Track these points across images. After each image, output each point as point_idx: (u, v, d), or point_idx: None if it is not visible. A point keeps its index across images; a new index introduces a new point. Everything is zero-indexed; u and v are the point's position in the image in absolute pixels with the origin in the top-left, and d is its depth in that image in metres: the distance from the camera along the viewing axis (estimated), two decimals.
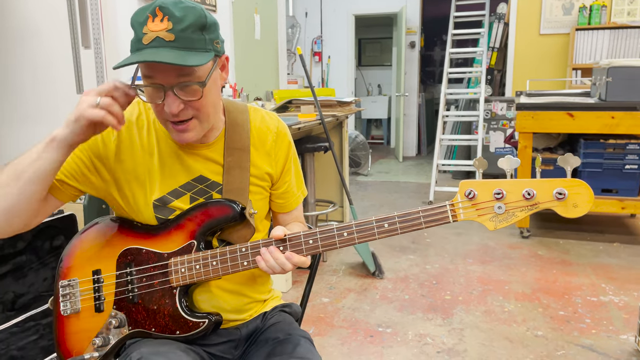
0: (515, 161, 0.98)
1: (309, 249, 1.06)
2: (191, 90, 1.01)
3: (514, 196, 0.97)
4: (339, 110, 3.49)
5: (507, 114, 5.61)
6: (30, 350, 1.79)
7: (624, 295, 2.80)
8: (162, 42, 0.96)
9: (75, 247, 1.18)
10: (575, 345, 2.31)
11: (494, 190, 0.97)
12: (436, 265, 3.33)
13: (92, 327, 1.14)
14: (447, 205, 0.99)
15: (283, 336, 1.17)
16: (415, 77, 7.76)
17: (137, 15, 0.99)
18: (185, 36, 0.97)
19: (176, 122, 1.03)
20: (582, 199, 0.94)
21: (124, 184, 1.13)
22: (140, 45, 0.97)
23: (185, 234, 1.11)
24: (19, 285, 1.93)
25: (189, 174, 1.13)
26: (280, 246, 1.06)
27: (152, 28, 0.96)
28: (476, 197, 0.98)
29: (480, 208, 0.98)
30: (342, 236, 1.04)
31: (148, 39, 0.96)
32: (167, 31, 0.96)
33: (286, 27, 5.45)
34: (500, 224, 0.98)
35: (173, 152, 1.12)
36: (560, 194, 0.94)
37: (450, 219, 0.99)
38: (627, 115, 3.38)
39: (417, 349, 2.31)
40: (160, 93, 1.00)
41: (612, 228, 4.02)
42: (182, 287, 1.10)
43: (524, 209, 0.97)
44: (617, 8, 5.34)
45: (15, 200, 1.00)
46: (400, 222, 1.01)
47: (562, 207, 0.95)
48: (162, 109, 1.02)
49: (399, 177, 6.31)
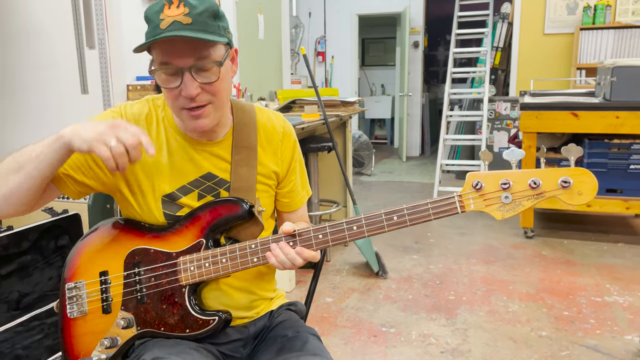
0: (520, 152, 1.00)
1: (319, 243, 1.06)
2: (208, 71, 1.02)
3: (520, 186, 0.98)
4: (342, 110, 3.49)
5: (511, 114, 5.60)
6: (35, 350, 1.80)
7: (629, 296, 2.79)
8: (179, 25, 0.97)
9: (80, 249, 1.19)
10: (580, 346, 2.31)
11: (501, 180, 0.99)
12: (440, 265, 3.32)
13: (100, 329, 1.14)
14: (455, 197, 1.01)
15: (292, 334, 1.17)
16: (419, 77, 7.76)
17: (151, 7, 1.01)
18: (201, 20, 0.99)
19: (192, 107, 1.04)
20: (587, 186, 0.96)
21: (132, 180, 1.13)
22: (157, 31, 0.98)
23: (194, 233, 1.11)
24: (24, 284, 1.94)
25: (197, 171, 1.14)
26: (290, 241, 1.06)
27: (168, 14, 0.98)
28: (483, 188, 0.99)
29: (487, 198, 1.00)
30: (351, 230, 1.04)
31: (165, 23, 0.98)
32: (184, 15, 0.98)
33: (290, 27, 5.46)
34: (507, 213, 0.99)
35: (182, 149, 1.13)
36: (565, 182, 0.96)
37: (459, 210, 1.00)
38: (632, 115, 3.37)
39: (421, 349, 2.31)
40: (177, 77, 1.01)
41: (616, 228, 4.00)
42: (191, 285, 1.10)
43: (530, 198, 0.98)
44: (622, 7, 5.32)
45: (13, 191, 1.01)
46: (409, 214, 1.02)
47: (567, 195, 0.97)
48: (178, 95, 1.03)
49: (402, 177, 6.31)
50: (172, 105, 1.07)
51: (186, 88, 1.01)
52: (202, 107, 1.04)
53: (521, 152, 0.99)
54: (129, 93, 2.82)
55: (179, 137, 1.13)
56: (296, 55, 6.65)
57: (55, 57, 2.88)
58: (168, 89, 1.03)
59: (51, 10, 2.83)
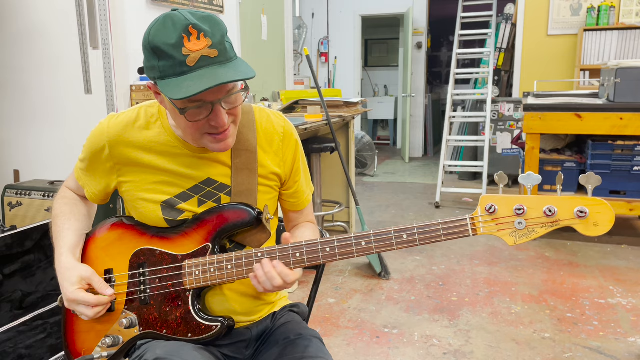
0: (536, 178, 0.97)
1: (326, 256, 1.05)
2: (235, 98, 1.02)
3: (535, 212, 0.97)
4: (345, 110, 3.48)
5: (514, 115, 5.59)
6: (38, 349, 1.80)
7: (632, 298, 2.78)
8: (209, 61, 0.95)
9: (86, 245, 1.19)
10: (583, 348, 2.30)
11: (515, 205, 0.97)
12: (442, 266, 3.32)
13: (103, 327, 1.14)
14: (468, 219, 0.99)
15: (294, 336, 1.17)
16: (422, 78, 7.75)
17: (161, 36, 0.95)
18: (222, 48, 0.97)
19: (218, 132, 1.03)
20: (603, 218, 0.94)
21: (131, 187, 1.14)
22: (185, 68, 0.94)
23: (201, 237, 1.10)
24: (27, 284, 1.94)
25: (196, 177, 1.13)
26: (297, 252, 1.05)
27: (192, 48, 0.94)
28: (497, 212, 0.98)
29: (500, 223, 0.98)
30: (360, 245, 1.03)
31: (193, 60, 0.94)
32: (209, 48, 0.95)
33: (293, 28, 5.46)
34: (520, 239, 0.98)
35: (180, 156, 1.13)
36: (581, 212, 0.94)
37: (470, 233, 0.99)
38: (636, 116, 3.36)
39: (424, 351, 2.31)
40: (206, 110, 1.00)
41: (620, 230, 3.99)
42: (196, 289, 1.10)
43: (545, 226, 0.97)
44: (626, 9, 5.31)
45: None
46: (420, 233, 1.01)
47: (583, 225, 0.95)
48: (203, 124, 1.02)
49: (405, 178, 6.30)
50: (194, 133, 1.04)
51: (218, 120, 1.00)
52: (227, 129, 1.04)
53: (538, 178, 0.97)
54: (133, 93, 2.82)
55: (177, 144, 1.13)
56: (299, 56, 6.65)
57: (58, 57, 2.89)
58: (195, 122, 1.01)
59: (55, 11, 2.84)
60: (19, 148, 3.08)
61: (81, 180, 1.21)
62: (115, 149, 1.13)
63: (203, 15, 0.97)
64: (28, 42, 2.95)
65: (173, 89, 0.94)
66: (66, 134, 2.93)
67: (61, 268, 1.12)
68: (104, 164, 1.16)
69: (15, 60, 2.99)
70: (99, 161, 1.16)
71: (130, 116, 1.15)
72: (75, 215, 1.21)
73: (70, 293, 1.08)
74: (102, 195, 1.21)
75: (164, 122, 1.13)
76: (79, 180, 1.22)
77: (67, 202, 1.23)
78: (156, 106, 1.15)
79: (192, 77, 0.94)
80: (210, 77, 0.93)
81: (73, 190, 1.27)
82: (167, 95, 0.96)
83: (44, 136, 3.01)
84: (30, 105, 3.01)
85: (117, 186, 1.18)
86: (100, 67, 2.70)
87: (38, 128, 3.02)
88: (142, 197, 1.13)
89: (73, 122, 2.91)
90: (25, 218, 2.54)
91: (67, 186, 1.28)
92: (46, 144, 3.01)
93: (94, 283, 1.11)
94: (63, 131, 2.94)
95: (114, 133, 1.13)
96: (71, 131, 2.90)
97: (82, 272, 1.11)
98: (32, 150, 3.05)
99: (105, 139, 1.14)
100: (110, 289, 1.11)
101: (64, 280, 1.10)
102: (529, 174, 0.98)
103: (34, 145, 3.05)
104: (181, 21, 0.94)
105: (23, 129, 3.05)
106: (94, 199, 1.22)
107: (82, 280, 1.10)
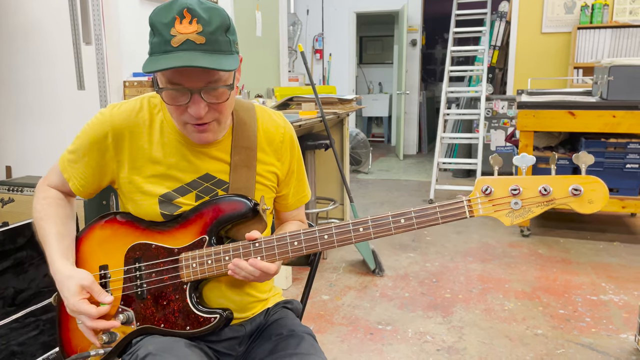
0: (530, 159, 0.99)
1: (324, 244, 1.05)
2: (218, 93, 1.01)
3: (530, 192, 0.98)
4: (340, 107, 3.48)
5: (508, 113, 5.61)
6: (30, 346, 1.79)
7: (624, 294, 2.80)
8: (192, 45, 0.95)
9: (79, 242, 1.18)
10: (575, 344, 2.32)
11: (511, 186, 0.98)
12: (436, 263, 3.33)
13: None
14: (464, 201, 1.00)
15: (286, 332, 1.17)
16: (417, 75, 7.76)
17: (160, 15, 0.97)
18: (214, 39, 0.96)
19: (197, 124, 1.03)
20: (598, 195, 0.96)
21: (128, 179, 1.13)
22: (168, 47, 0.95)
23: (197, 229, 1.10)
24: (20, 281, 1.93)
25: (195, 172, 1.13)
26: (295, 241, 1.05)
27: (181, 30, 0.95)
28: (493, 193, 0.99)
29: (497, 204, 0.99)
30: (357, 231, 1.03)
31: (178, 41, 0.95)
32: (197, 34, 0.95)
33: (287, 25, 5.44)
34: (516, 219, 0.99)
35: (180, 150, 1.12)
36: (576, 190, 0.95)
37: (467, 214, 0.99)
38: (629, 114, 3.38)
39: (417, 347, 2.31)
40: (185, 95, 1.00)
41: (612, 227, 4.01)
42: (193, 282, 1.10)
43: (540, 205, 0.98)
44: (619, 7, 5.33)
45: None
46: (417, 217, 1.01)
47: (578, 203, 0.96)
48: (184, 112, 1.02)
49: (399, 175, 6.31)
50: (176, 119, 1.06)
51: (195, 109, 1.00)
52: (207, 123, 1.04)
53: (532, 158, 0.98)
54: (126, 89, 2.80)
55: (178, 137, 1.12)
56: (294, 52, 6.64)
57: (51, 53, 2.87)
58: (174, 105, 1.02)
59: (47, 6, 2.82)
60: (10, 144, 3.06)
61: (67, 172, 1.16)
62: (118, 137, 1.11)
63: (209, 6, 0.97)
64: (21, 38, 2.93)
65: (147, 63, 0.96)
66: (58, 130, 2.91)
67: (58, 275, 1.09)
68: (104, 153, 1.12)
69: (8, 57, 2.97)
70: (98, 150, 1.12)
71: (133, 106, 1.13)
72: (61, 217, 1.17)
73: (72, 305, 1.06)
74: (94, 187, 1.17)
75: (165, 113, 1.13)
76: (64, 172, 1.17)
77: (51, 202, 1.19)
78: (159, 97, 1.14)
79: (170, 57, 0.95)
80: (185, 59, 0.94)
81: (54, 186, 1.22)
82: (142, 69, 0.97)
83: (36, 132, 2.99)
84: (22, 102, 2.99)
85: (113, 177, 1.15)
86: (93, 62, 2.68)
87: (30, 124, 3.00)
88: (141, 189, 1.12)
89: (65, 118, 2.89)
90: (17, 214, 2.53)
91: (48, 183, 1.23)
92: (38, 140, 2.99)
93: (93, 292, 1.08)
94: (55, 127, 2.92)
95: (117, 122, 1.11)
96: (63, 127, 2.88)
97: (82, 280, 1.08)
98: (24, 147, 3.03)
99: (108, 127, 1.11)
100: (109, 296, 1.09)
101: (63, 288, 1.08)
102: (523, 155, 1.00)
103: (25, 142, 3.03)
104: (181, 4, 0.95)
105: (14, 125, 3.03)
106: (81, 192, 1.17)
107: (83, 290, 1.07)
